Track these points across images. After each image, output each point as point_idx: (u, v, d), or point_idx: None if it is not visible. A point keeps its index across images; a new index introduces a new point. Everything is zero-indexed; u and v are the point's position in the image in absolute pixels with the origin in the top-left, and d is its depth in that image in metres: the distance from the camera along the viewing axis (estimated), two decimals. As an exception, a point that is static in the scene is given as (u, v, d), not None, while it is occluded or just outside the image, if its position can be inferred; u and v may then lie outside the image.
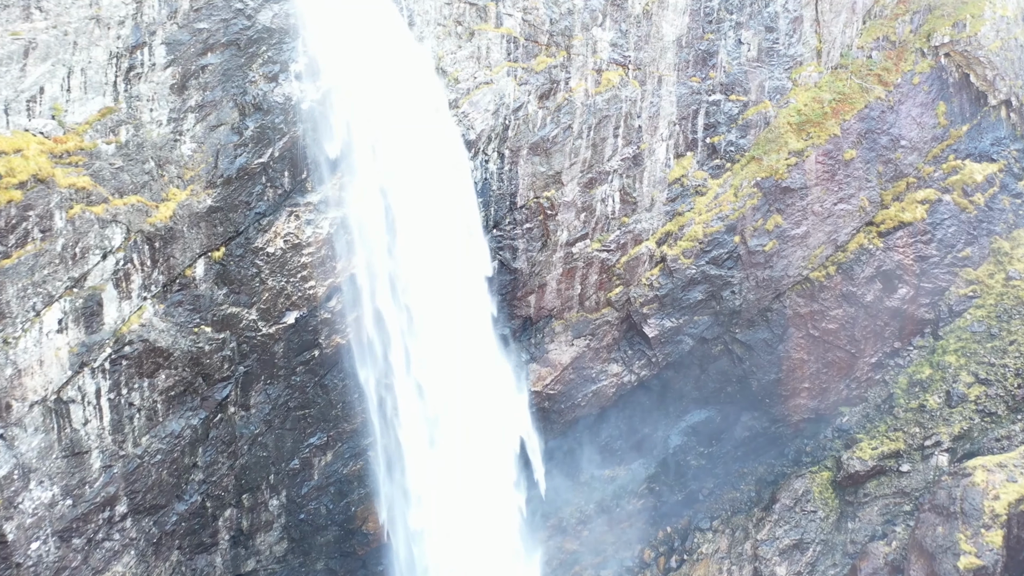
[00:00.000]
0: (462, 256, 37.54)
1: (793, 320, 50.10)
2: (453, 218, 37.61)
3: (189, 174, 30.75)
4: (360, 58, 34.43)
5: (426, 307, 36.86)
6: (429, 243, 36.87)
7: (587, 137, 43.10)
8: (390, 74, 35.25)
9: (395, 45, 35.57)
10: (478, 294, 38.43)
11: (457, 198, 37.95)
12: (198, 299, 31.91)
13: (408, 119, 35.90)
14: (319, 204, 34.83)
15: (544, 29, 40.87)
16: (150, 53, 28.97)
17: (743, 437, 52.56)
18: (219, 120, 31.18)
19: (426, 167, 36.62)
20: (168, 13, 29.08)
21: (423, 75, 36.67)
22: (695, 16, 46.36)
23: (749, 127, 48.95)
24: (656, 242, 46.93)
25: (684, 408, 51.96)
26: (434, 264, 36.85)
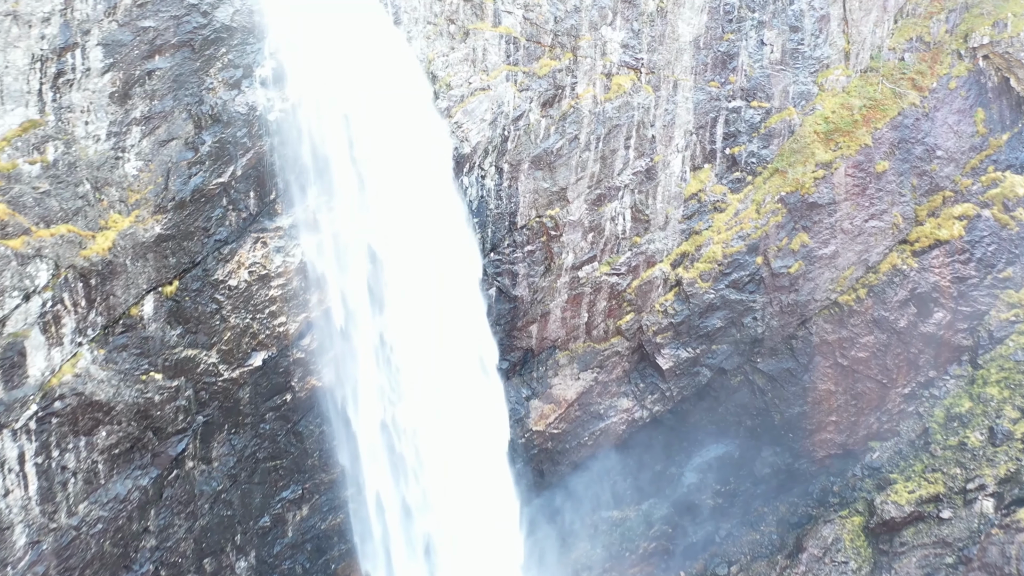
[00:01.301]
0: (454, 285, 33.09)
1: (820, 348, 45.73)
2: (444, 241, 33.17)
3: (134, 197, 26.26)
4: (337, 61, 29.94)
5: (412, 345, 32.45)
6: (416, 271, 32.44)
7: (595, 149, 38.65)
8: (372, 80, 30.75)
9: (378, 46, 31.10)
10: (473, 327, 33.99)
11: (449, 219, 33.52)
12: (146, 342, 27.42)
13: (393, 130, 31.43)
14: (290, 229, 30.35)
15: (548, 28, 36.42)
16: (84, 56, 24.48)
17: (763, 474, 48.19)
18: (170, 134, 26.70)
19: (414, 184, 32.17)
20: (105, 9, 24.59)
21: (410, 80, 32.20)
22: (714, 14, 41.93)
23: (772, 136, 44.54)
24: (671, 264, 42.49)
25: (699, 443, 47.59)
26: (422, 295, 32.41)
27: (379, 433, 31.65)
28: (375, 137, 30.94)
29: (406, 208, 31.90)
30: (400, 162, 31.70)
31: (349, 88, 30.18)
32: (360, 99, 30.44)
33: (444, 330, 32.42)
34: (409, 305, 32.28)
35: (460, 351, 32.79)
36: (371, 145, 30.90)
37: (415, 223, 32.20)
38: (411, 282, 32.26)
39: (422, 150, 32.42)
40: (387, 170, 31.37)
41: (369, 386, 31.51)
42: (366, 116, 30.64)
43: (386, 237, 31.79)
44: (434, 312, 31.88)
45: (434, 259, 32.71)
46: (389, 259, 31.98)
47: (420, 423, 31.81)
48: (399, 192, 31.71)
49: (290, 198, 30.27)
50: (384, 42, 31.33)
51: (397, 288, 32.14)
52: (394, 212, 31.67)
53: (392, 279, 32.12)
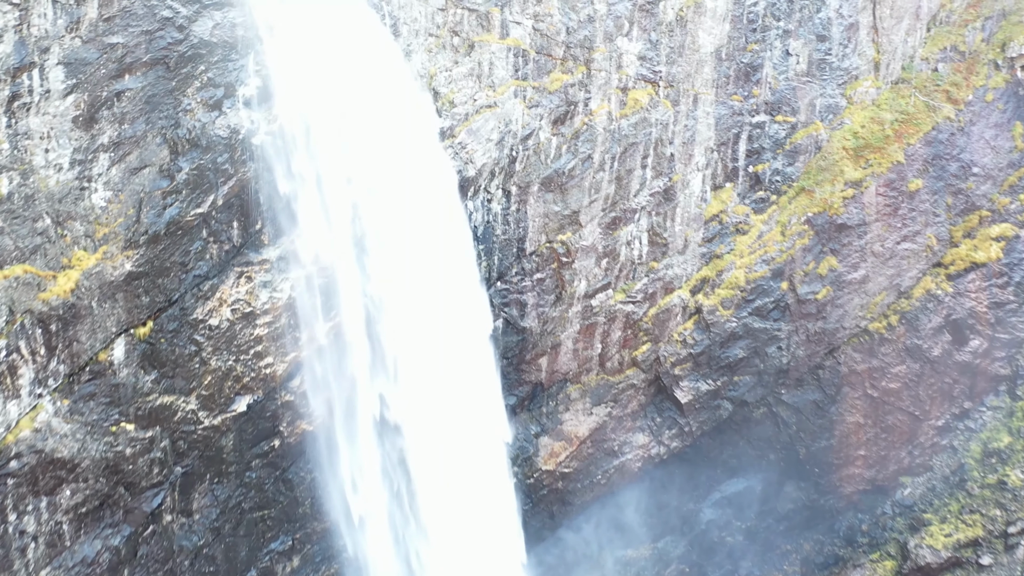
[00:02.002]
0: (457, 322, 30.45)
1: (848, 379, 42.87)
2: (446, 274, 30.55)
3: (102, 231, 23.71)
4: (329, 78, 27.35)
5: (413, 386, 29.85)
6: (416, 305, 29.82)
7: (610, 169, 35.96)
8: (368, 98, 28.17)
9: (374, 61, 28.52)
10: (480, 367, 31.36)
11: (452, 248, 30.89)
12: (117, 389, 24.87)
13: (391, 152, 28.84)
14: (278, 261, 27.76)
15: (559, 40, 33.77)
16: (43, 77, 21.93)
17: (787, 510, 45.33)
18: (142, 161, 24.14)
19: (413, 211, 29.56)
20: (67, 24, 22.05)
21: (409, 98, 29.59)
22: (737, 23, 39.19)
23: (798, 153, 41.74)
24: (690, 291, 39.74)
25: (718, 477, 44.77)
26: (423, 333, 29.79)
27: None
28: (371, 159, 28.36)
29: (405, 235, 29.33)
30: (398, 186, 29.12)
31: (342, 107, 27.61)
32: (354, 119, 27.88)
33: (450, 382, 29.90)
34: (410, 341, 29.75)
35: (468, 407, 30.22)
36: (367, 168, 28.32)
37: (415, 250, 29.63)
38: (411, 316, 29.71)
39: (422, 173, 29.84)
40: (384, 194, 28.80)
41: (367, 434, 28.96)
42: (361, 137, 28.06)
43: (383, 264, 29.25)
44: (440, 362, 29.33)
45: (436, 292, 30.13)
46: (386, 287, 29.44)
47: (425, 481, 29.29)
48: (397, 218, 29.12)
49: (278, 227, 27.70)
50: (381, 56, 28.74)
51: (395, 319, 29.61)
52: (392, 239, 29.10)
53: (390, 309, 29.58)
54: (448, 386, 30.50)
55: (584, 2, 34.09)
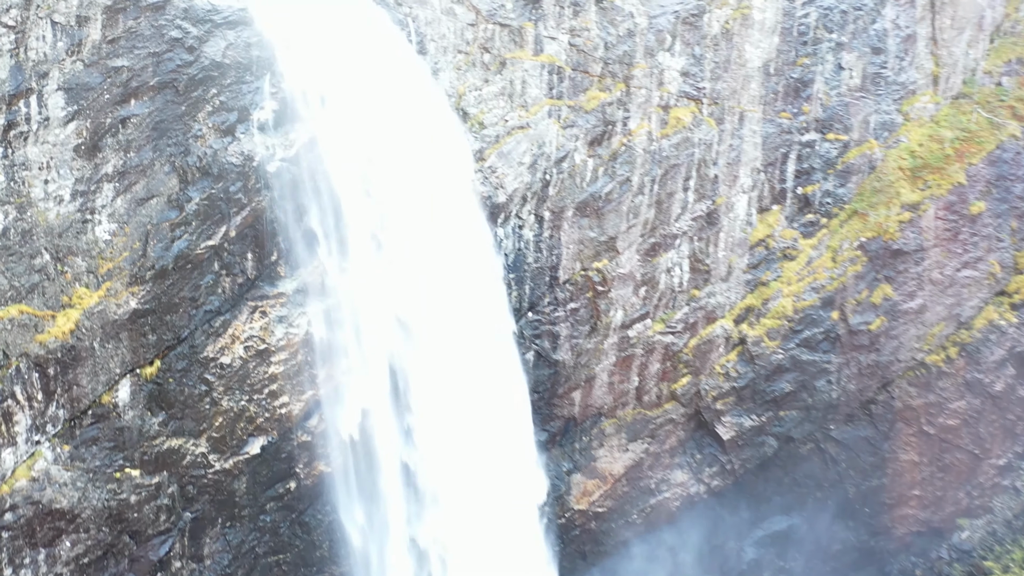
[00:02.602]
0: (486, 356, 28.59)
1: (902, 414, 40.16)
2: (475, 305, 28.71)
3: (106, 267, 22.22)
4: (350, 100, 25.68)
5: (438, 423, 28.06)
6: (445, 338, 28.02)
7: (650, 192, 33.82)
8: (392, 120, 26.44)
9: (399, 81, 26.78)
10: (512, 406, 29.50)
11: (481, 278, 29.06)
12: (121, 433, 23.37)
13: (416, 177, 27.07)
14: (295, 295, 26.10)
15: (597, 56, 31.74)
16: (41, 103, 20.50)
17: (835, 551, 42.69)
18: (149, 191, 22.63)
19: (440, 239, 27.76)
20: (68, 47, 20.58)
21: (436, 119, 27.80)
22: (786, 36, 36.81)
23: (850, 173, 39.17)
24: (734, 320, 37.39)
25: (761, 514, 42.26)
26: (450, 367, 27.98)
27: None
28: (395, 186, 26.61)
29: (432, 267, 27.52)
30: (425, 213, 27.33)
31: (364, 130, 25.89)
32: (377, 143, 26.14)
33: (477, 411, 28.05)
34: (437, 381, 27.97)
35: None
36: (391, 195, 26.56)
37: (442, 283, 27.82)
38: (438, 351, 27.91)
39: (450, 199, 28.03)
40: (410, 222, 27.02)
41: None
42: (384, 163, 26.32)
43: (409, 301, 27.48)
44: (467, 400, 27.51)
45: (465, 326, 28.32)
46: (413, 326, 27.67)
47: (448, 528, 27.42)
48: (424, 249, 27.33)
49: (295, 258, 26.04)
50: (405, 76, 27.00)
51: (421, 360, 27.85)
52: (418, 272, 27.31)
53: (416, 348, 27.82)
54: (475, 428, 28.69)
55: (624, 15, 32.05)
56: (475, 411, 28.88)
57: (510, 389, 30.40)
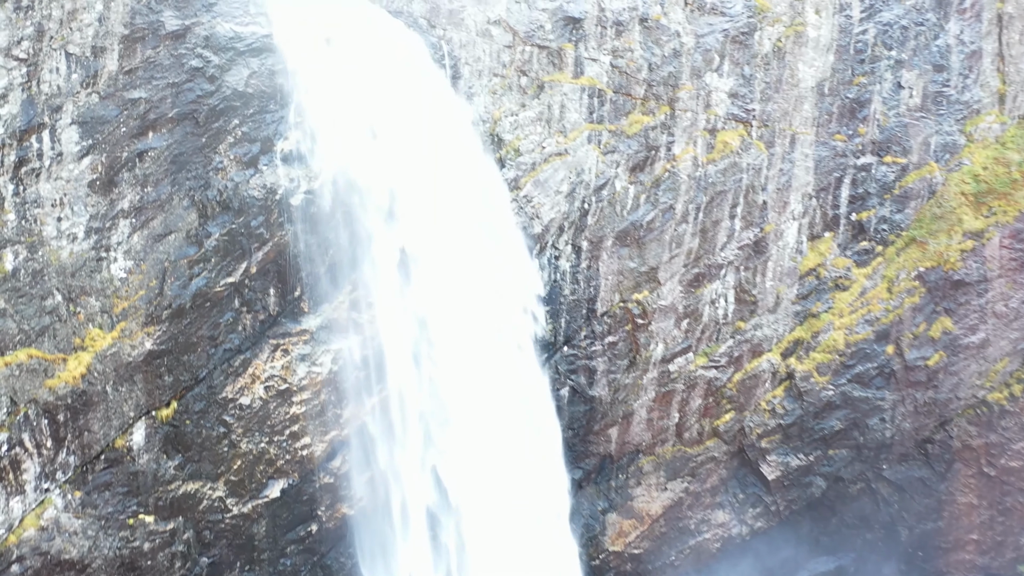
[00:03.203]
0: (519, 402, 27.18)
1: (961, 455, 37.76)
2: (508, 341, 27.31)
3: (121, 306, 21.26)
4: (380, 128, 24.46)
5: (468, 464, 26.73)
6: (474, 378, 26.68)
7: (694, 220, 32.07)
8: (422, 148, 25.16)
9: (430, 107, 25.47)
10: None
11: (515, 311, 27.65)
12: (135, 478, 22.41)
13: (447, 209, 25.75)
14: (319, 331, 24.95)
15: (640, 78, 30.10)
16: (54, 139, 19.56)
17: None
18: (167, 227, 21.62)
19: (473, 273, 26.41)
20: (83, 79, 19.62)
21: (469, 147, 26.45)
22: (842, 54, 34.76)
23: (908, 198, 36.95)
24: (781, 354, 35.43)
25: (806, 554, 40.08)
26: (481, 408, 26.63)
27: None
28: (425, 218, 25.31)
29: (463, 304, 26.18)
30: (456, 247, 26.00)
31: (392, 160, 24.64)
32: (405, 172, 24.87)
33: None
34: (465, 415, 26.65)
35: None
36: (420, 227, 25.26)
37: (474, 321, 26.48)
38: (470, 395, 26.60)
39: (483, 230, 26.66)
40: (440, 256, 25.70)
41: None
42: (414, 193, 25.04)
43: (437, 336, 26.19)
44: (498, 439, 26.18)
45: (497, 363, 26.97)
46: (443, 362, 26.39)
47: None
48: (454, 283, 25.99)
49: (319, 294, 24.89)
50: (437, 102, 25.68)
51: (450, 392, 26.55)
52: (446, 305, 25.99)
53: (445, 381, 26.54)
54: (506, 464, 27.32)
55: (669, 35, 30.37)
56: (505, 453, 27.53)
57: (541, 430, 28.98)
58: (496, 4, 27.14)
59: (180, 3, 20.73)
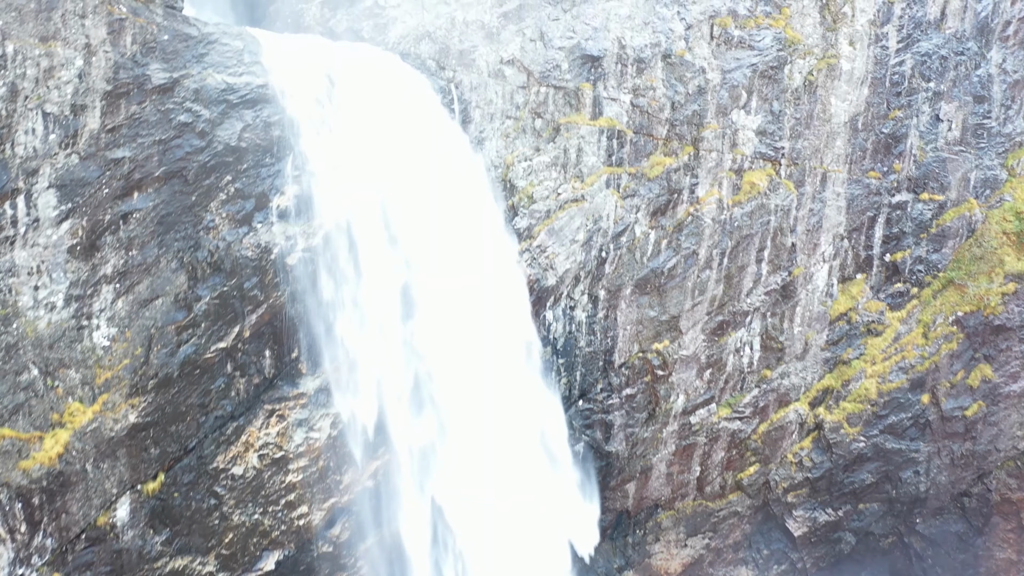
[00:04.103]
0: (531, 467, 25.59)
1: (1000, 508, 35.74)
2: (517, 402, 25.71)
3: (103, 377, 19.88)
4: (384, 178, 22.94)
5: (476, 541, 25.19)
6: (481, 442, 25.13)
7: (718, 266, 30.30)
8: (430, 200, 23.63)
9: (439, 155, 23.93)
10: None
11: (524, 372, 26.05)
12: (120, 556, 21.03)
13: (455, 260, 24.20)
14: (317, 394, 23.47)
15: (663, 117, 28.37)
16: (29, 204, 18.20)
17: (915, 652, 38.48)
18: (154, 291, 20.22)
19: (479, 327, 24.84)
20: (61, 139, 18.24)
21: (478, 195, 24.87)
22: (877, 87, 32.83)
23: (946, 237, 34.97)
24: (809, 403, 33.56)
25: (833, 607, 38.38)
26: (488, 481, 25.06)
27: None
28: (431, 275, 23.77)
29: (470, 363, 24.63)
30: (463, 300, 24.44)
31: (396, 213, 23.13)
32: (411, 227, 23.35)
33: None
34: (473, 486, 25.12)
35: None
36: (425, 285, 23.75)
37: (481, 377, 24.93)
38: (474, 456, 25.05)
39: (492, 284, 25.08)
40: (446, 316, 24.15)
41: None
42: (418, 247, 23.52)
43: (440, 392, 24.67)
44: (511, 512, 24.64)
45: (505, 424, 25.39)
46: (446, 419, 24.87)
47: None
48: (459, 340, 24.44)
49: (318, 355, 23.40)
50: (445, 150, 24.13)
51: (455, 457, 25.01)
52: (455, 367, 24.45)
53: (450, 445, 25.01)
54: (518, 535, 25.76)
55: (694, 71, 28.60)
56: (515, 513, 25.98)
57: (554, 483, 27.39)
58: (509, 43, 25.54)
59: (168, 55, 19.32)
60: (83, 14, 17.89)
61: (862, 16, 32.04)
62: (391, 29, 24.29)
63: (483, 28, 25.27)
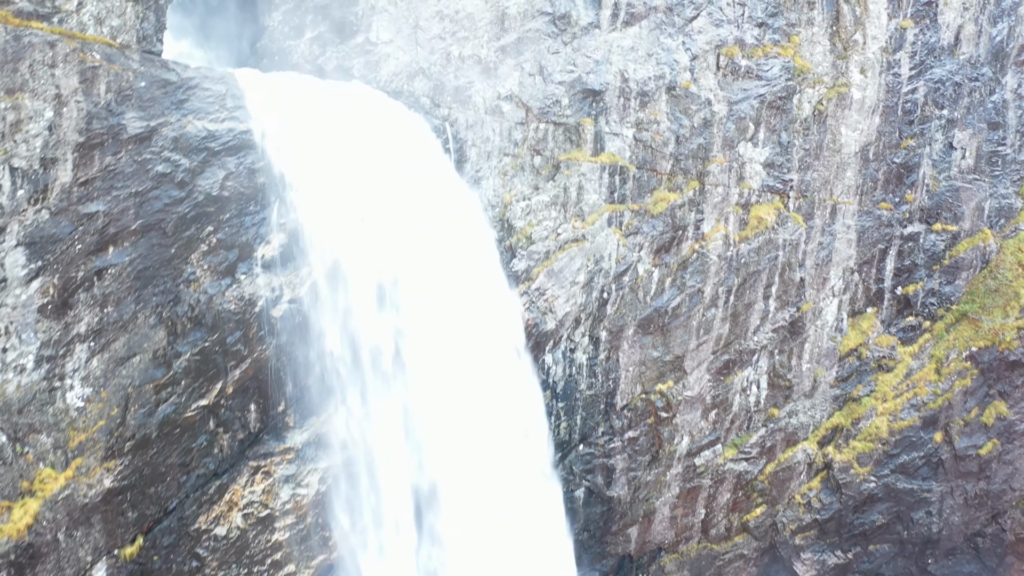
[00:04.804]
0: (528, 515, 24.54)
1: (1015, 548, 34.63)
2: (513, 450, 24.69)
3: (77, 439, 18.88)
4: (375, 224, 21.93)
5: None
6: (476, 491, 24.11)
7: (725, 304, 29.25)
8: (421, 245, 22.62)
9: (431, 196, 22.92)
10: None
11: (520, 421, 25.01)
12: (96, 624, 20.02)
13: (449, 307, 23.18)
14: (305, 448, 22.46)
15: (667, 152, 27.32)
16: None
17: None
18: (131, 348, 19.22)
19: (474, 377, 23.83)
20: (30, 195, 17.24)
21: (473, 236, 23.85)
22: (888, 116, 31.75)
23: (959, 269, 33.87)
24: (818, 442, 32.49)
25: (841, 647, 37.26)
26: (485, 528, 24.04)
27: None
28: (425, 323, 22.76)
29: (465, 413, 23.62)
30: (458, 348, 23.43)
31: (388, 261, 22.11)
32: (404, 275, 22.34)
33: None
34: (471, 540, 24.10)
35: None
36: (419, 334, 22.73)
37: (476, 429, 23.91)
38: (471, 508, 24.04)
39: (487, 330, 24.06)
40: (441, 359, 23.14)
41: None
42: (411, 295, 22.51)
43: (433, 444, 23.65)
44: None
45: (502, 473, 24.38)
46: (441, 469, 23.85)
47: None
48: (454, 390, 23.43)
49: (306, 406, 22.39)
50: (439, 191, 23.12)
51: (451, 512, 24.00)
52: (449, 418, 23.44)
53: (444, 498, 23.99)
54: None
55: (699, 103, 27.54)
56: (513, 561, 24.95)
57: (552, 536, 26.35)
58: (507, 78, 24.49)
59: (145, 102, 18.31)
60: (53, 63, 16.90)
61: (873, 43, 30.96)
62: (383, 66, 23.26)
63: (480, 63, 24.23)
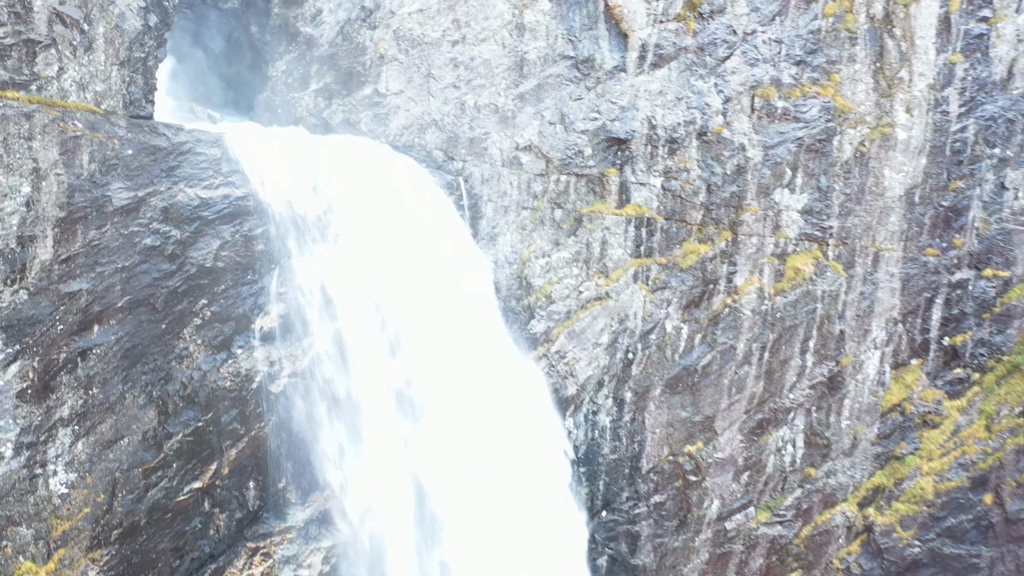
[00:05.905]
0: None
1: (1070, 617, 32.31)
2: (537, 537, 23.11)
3: (60, 528, 17.65)
4: (380, 292, 20.52)
5: None
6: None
7: (758, 361, 27.42)
8: (433, 309, 21.16)
9: (444, 258, 21.45)
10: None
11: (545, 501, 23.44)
12: None
13: (459, 374, 21.70)
14: (307, 526, 21.08)
15: (698, 201, 25.60)
16: (-31, 350, 16.03)
17: None
18: (118, 431, 17.96)
19: (490, 448, 22.30)
20: (6, 275, 16.03)
21: (485, 301, 22.34)
22: (936, 156, 29.71)
23: (1011, 317, 31.63)
24: (857, 504, 30.47)
25: None
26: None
27: None
28: (434, 396, 21.29)
29: (477, 484, 22.10)
30: (472, 418, 21.93)
31: (395, 330, 20.68)
32: (411, 343, 20.88)
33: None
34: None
35: None
36: (428, 406, 21.27)
37: (494, 507, 22.39)
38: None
39: (502, 397, 22.53)
40: (451, 440, 21.66)
41: None
42: (419, 367, 21.05)
43: (446, 521, 22.16)
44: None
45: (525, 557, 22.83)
46: (455, 551, 22.35)
47: None
48: (468, 465, 21.92)
49: (308, 482, 21.02)
50: (449, 248, 21.65)
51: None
52: (464, 491, 21.94)
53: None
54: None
55: (732, 149, 25.80)
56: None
57: None
58: (526, 128, 22.96)
59: (132, 171, 17.05)
60: (30, 136, 15.68)
61: (920, 80, 28.96)
62: (392, 119, 21.85)
63: (496, 112, 22.73)
